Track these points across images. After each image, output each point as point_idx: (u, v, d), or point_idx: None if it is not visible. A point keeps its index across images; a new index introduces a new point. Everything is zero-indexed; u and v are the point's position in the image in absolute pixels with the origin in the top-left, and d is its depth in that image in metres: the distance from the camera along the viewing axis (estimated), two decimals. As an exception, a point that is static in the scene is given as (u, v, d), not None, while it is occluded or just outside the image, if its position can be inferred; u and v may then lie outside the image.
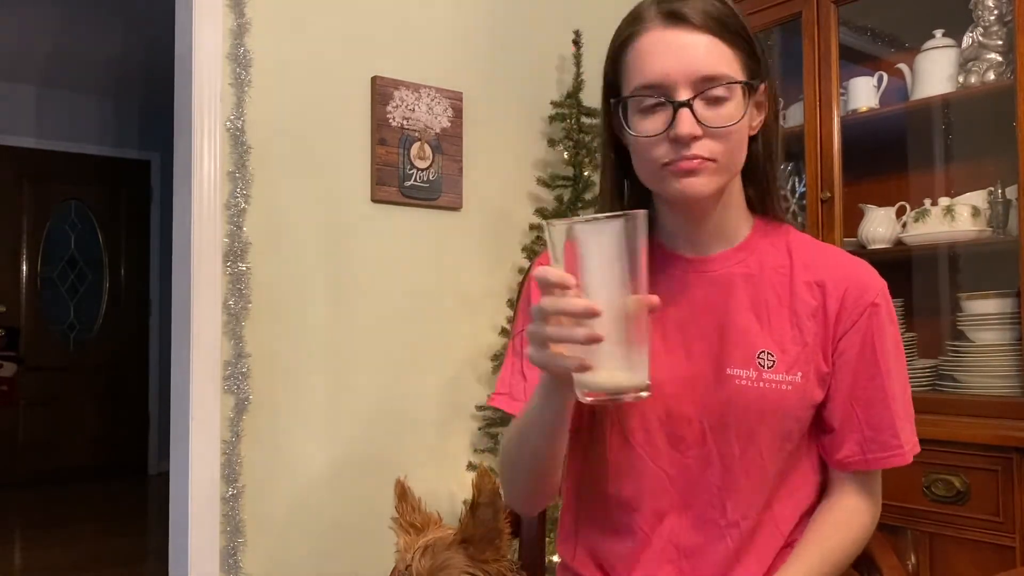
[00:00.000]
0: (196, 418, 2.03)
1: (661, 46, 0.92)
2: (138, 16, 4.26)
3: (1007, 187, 1.93)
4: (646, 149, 0.94)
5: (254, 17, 2.14)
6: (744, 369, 0.98)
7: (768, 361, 0.97)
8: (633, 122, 0.95)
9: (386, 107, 2.36)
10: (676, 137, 0.90)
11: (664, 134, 0.91)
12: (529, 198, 2.66)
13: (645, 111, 0.93)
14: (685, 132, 0.90)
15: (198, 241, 2.05)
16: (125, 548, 3.99)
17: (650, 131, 0.93)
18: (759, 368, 0.97)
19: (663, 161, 0.93)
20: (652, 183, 0.98)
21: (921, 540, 1.81)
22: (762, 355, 0.98)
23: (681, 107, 0.90)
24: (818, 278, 1.00)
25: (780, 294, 1.00)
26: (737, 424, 0.98)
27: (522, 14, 2.67)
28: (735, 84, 0.92)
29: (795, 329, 0.99)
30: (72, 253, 5.56)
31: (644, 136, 0.93)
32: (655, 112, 0.92)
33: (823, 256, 1.03)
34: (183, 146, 2.10)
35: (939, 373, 2.02)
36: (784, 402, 0.98)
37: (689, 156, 0.91)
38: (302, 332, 2.21)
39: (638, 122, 0.94)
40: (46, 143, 5.35)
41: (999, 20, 1.93)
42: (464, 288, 2.52)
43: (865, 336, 0.99)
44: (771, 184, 1.03)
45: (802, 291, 1.00)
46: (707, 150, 0.91)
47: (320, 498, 2.23)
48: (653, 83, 0.92)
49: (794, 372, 0.98)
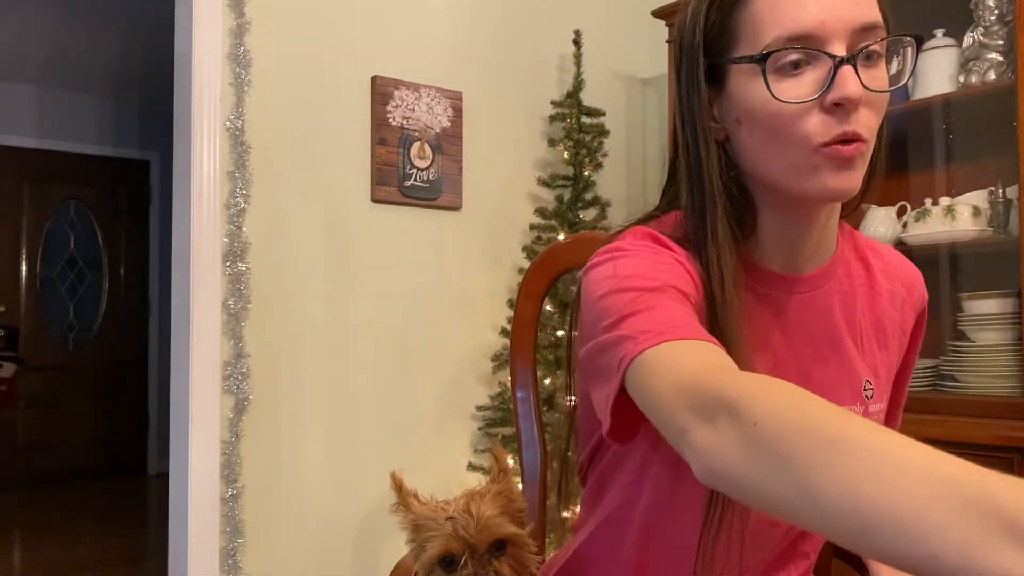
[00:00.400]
0: (196, 418, 2.03)
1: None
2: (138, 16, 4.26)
3: (1008, 187, 1.93)
4: (789, 122, 0.71)
5: (254, 17, 2.14)
6: (853, 404, 0.84)
7: (870, 391, 0.85)
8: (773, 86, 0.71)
9: (386, 107, 2.35)
10: (842, 99, 0.69)
11: (816, 100, 0.70)
12: (529, 198, 2.66)
13: (784, 71, 0.71)
14: (853, 92, 0.68)
15: (198, 241, 2.05)
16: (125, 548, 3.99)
17: (799, 95, 0.70)
18: (865, 402, 0.85)
19: (816, 142, 0.70)
20: (794, 171, 0.73)
21: (922, 540, 1.81)
22: (867, 386, 0.85)
23: (844, 63, 0.69)
24: (895, 287, 0.89)
25: (865, 311, 0.87)
26: None
27: (522, 14, 2.67)
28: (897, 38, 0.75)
29: (883, 350, 0.87)
30: (72, 253, 5.56)
31: (792, 102, 0.70)
32: (801, 72, 0.71)
33: (890, 261, 0.91)
34: (183, 146, 2.10)
35: (939, 373, 2.01)
36: None
37: (850, 132, 0.70)
38: (302, 332, 2.21)
39: (779, 87, 0.71)
40: (46, 143, 5.35)
41: (1000, 20, 1.93)
42: (464, 288, 2.52)
43: (917, 335, 0.93)
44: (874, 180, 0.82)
45: (885, 304, 0.87)
46: (866, 124, 0.71)
47: (320, 498, 2.22)
48: (801, 34, 0.70)
49: (883, 399, 0.88)
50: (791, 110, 0.71)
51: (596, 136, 2.53)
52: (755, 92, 0.72)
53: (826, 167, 0.71)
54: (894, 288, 0.88)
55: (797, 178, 0.73)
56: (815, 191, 0.73)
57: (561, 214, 2.48)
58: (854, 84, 0.69)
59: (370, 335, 2.33)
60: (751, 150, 0.76)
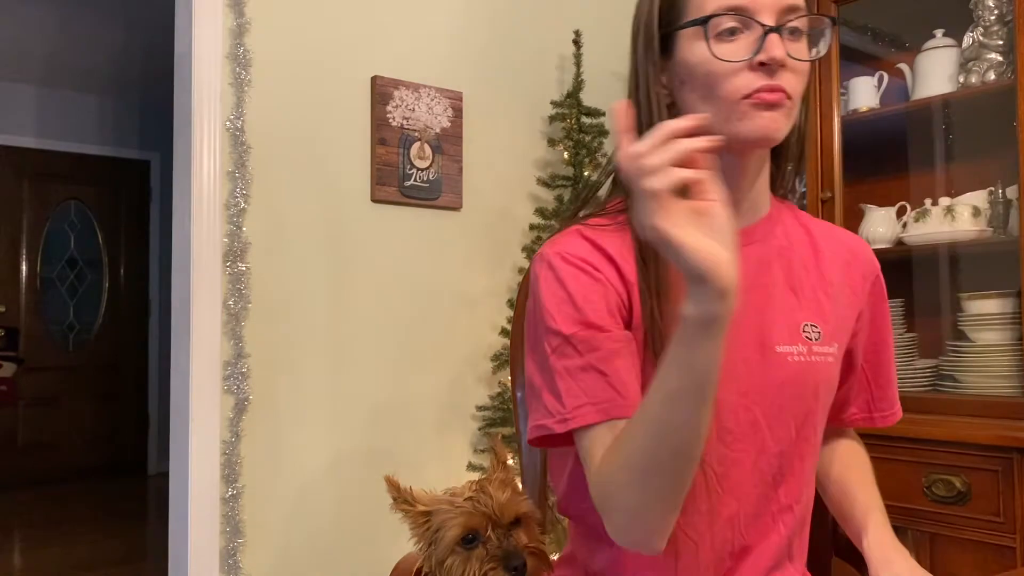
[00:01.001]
0: (196, 418, 2.03)
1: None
2: (138, 16, 4.26)
3: (1007, 187, 1.93)
4: (723, 79, 0.85)
5: (254, 17, 2.14)
6: (792, 345, 0.92)
7: (814, 333, 0.94)
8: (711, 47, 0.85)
9: (386, 107, 2.35)
10: (769, 59, 0.83)
11: (747, 61, 0.84)
12: (529, 198, 2.66)
13: (722, 37, 0.85)
14: (778, 54, 0.83)
15: (198, 241, 2.05)
16: (125, 548, 3.99)
17: (734, 55, 0.84)
18: (807, 341, 0.93)
19: (744, 92, 0.84)
20: (726, 120, 0.86)
21: (921, 540, 1.81)
22: (807, 328, 0.94)
23: (771, 31, 0.83)
24: (839, 252, 1.00)
25: (808, 267, 0.97)
26: (793, 404, 0.92)
27: (522, 14, 2.67)
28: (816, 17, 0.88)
29: (829, 301, 0.96)
30: (72, 253, 5.56)
31: (727, 60, 0.84)
32: (735, 38, 0.85)
33: (832, 230, 1.04)
34: (183, 146, 2.10)
35: (939, 373, 2.01)
36: (832, 374, 0.97)
37: (772, 85, 0.84)
38: (302, 332, 2.21)
39: (717, 48, 0.85)
40: (46, 143, 5.35)
41: (999, 20, 1.93)
42: (464, 288, 2.52)
43: (875, 303, 1.02)
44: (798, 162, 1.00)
45: (827, 264, 0.98)
46: (788, 84, 0.85)
47: (320, 498, 2.22)
48: (737, 5, 0.84)
49: (833, 344, 0.95)
50: (725, 68, 0.85)
51: (596, 136, 2.53)
52: (698, 53, 0.86)
53: (753, 112, 0.85)
54: (836, 251, 0.99)
55: (729, 125, 0.86)
56: (745, 133, 0.86)
57: (561, 214, 2.47)
58: (779, 48, 0.83)
59: (370, 335, 2.33)
60: (692, 107, 0.89)
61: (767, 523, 0.93)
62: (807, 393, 0.93)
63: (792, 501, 0.94)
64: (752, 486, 0.92)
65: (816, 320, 0.94)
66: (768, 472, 0.92)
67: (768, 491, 0.93)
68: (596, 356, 0.86)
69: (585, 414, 0.85)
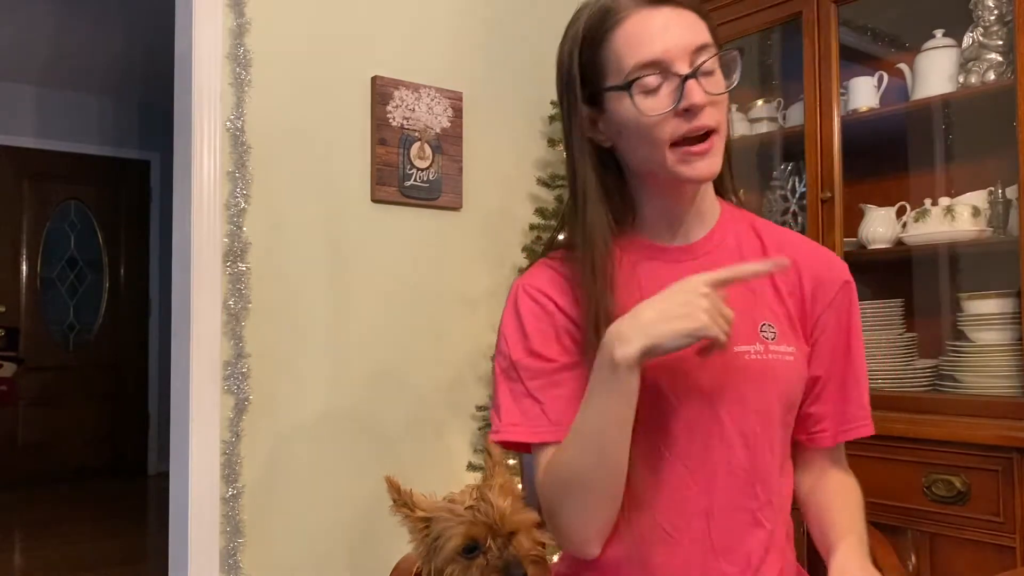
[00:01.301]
0: (196, 418, 2.03)
1: (654, 26, 0.93)
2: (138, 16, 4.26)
3: (1007, 187, 1.92)
4: (652, 129, 0.93)
5: (254, 17, 2.14)
6: (750, 344, 0.98)
7: (770, 333, 0.99)
8: (637, 104, 0.93)
9: (386, 107, 2.35)
10: (690, 107, 0.91)
11: (672, 110, 0.91)
12: (529, 198, 2.66)
13: (646, 91, 0.93)
14: (699, 100, 0.91)
15: (198, 241, 2.05)
16: (125, 548, 3.99)
17: (657, 109, 0.92)
18: (764, 341, 0.98)
19: (672, 139, 0.93)
20: (658, 168, 0.96)
21: (921, 540, 1.81)
22: (764, 327, 0.99)
23: (689, 78, 0.91)
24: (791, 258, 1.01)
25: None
26: (755, 399, 0.97)
27: (522, 14, 2.67)
28: (725, 52, 0.95)
29: (781, 304, 1.01)
30: (72, 253, 5.56)
31: (652, 115, 0.92)
32: (658, 91, 0.92)
33: (788, 238, 1.07)
34: (183, 146, 2.10)
35: (939, 373, 2.01)
36: (790, 372, 0.99)
37: (697, 127, 0.92)
38: (302, 332, 2.21)
39: (641, 103, 0.93)
40: (46, 143, 5.35)
41: (999, 20, 1.93)
42: (464, 288, 2.52)
43: (840, 313, 1.03)
44: (730, 166, 1.07)
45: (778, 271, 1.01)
46: (712, 119, 0.93)
47: (320, 498, 2.23)
48: (652, 61, 0.92)
49: (791, 344, 1.00)
50: (653, 120, 0.93)
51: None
52: (626, 110, 0.95)
53: (689, 159, 0.94)
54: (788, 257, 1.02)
55: (668, 168, 0.95)
56: (685, 176, 0.95)
57: (560, 213, 2.47)
58: (699, 93, 0.91)
59: (370, 335, 2.33)
60: (631, 152, 0.99)
61: (747, 518, 0.98)
62: (767, 389, 0.98)
63: (770, 494, 0.98)
64: (725, 480, 0.97)
65: (772, 320, 1.00)
66: (739, 467, 0.97)
67: (743, 486, 0.97)
68: (535, 384, 0.98)
69: (516, 432, 0.98)
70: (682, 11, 0.94)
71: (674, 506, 0.97)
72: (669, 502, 0.97)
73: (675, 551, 0.96)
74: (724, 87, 0.95)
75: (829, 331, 1.02)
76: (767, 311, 1.00)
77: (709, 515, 0.97)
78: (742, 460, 0.97)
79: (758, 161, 2.46)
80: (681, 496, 0.97)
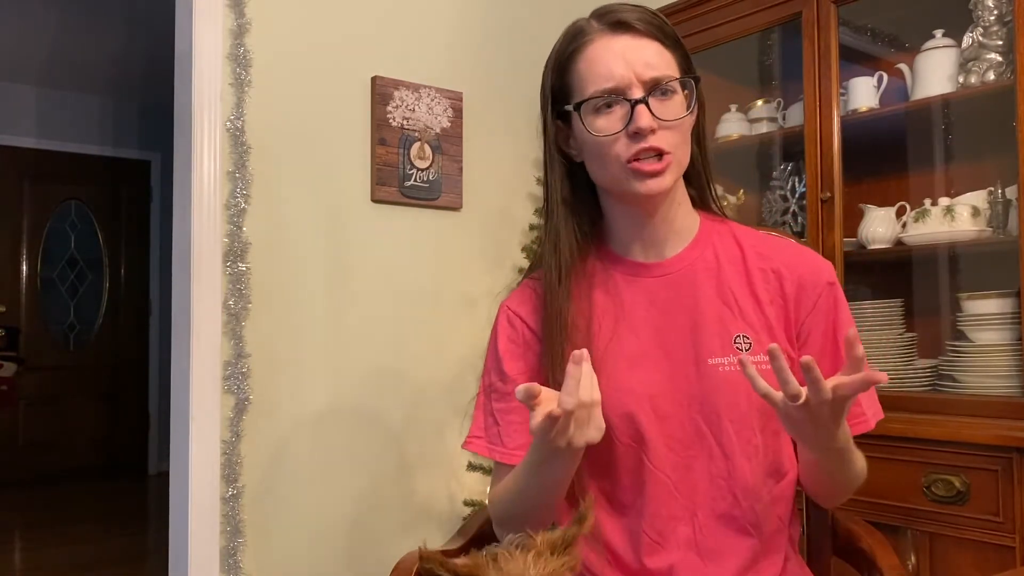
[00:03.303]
0: (196, 418, 2.03)
1: (611, 52, 1.00)
2: (138, 16, 4.26)
3: (1007, 187, 1.93)
4: (606, 147, 0.99)
5: (254, 17, 2.14)
6: (724, 356, 1.01)
7: (745, 344, 1.02)
8: (590, 124, 1.00)
9: (386, 107, 2.36)
10: (637, 130, 0.97)
11: (623, 131, 0.98)
12: (529, 198, 2.66)
13: (601, 112, 0.99)
14: (645, 124, 0.96)
15: (198, 241, 2.05)
16: (125, 548, 3.99)
17: (609, 129, 0.98)
18: (738, 352, 1.01)
19: (624, 158, 0.98)
20: (613, 183, 1.02)
21: (921, 540, 1.81)
22: (738, 339, 1.02)
23: (638, 103, 0.97)
24: (771, 265, 1.05)
25: (740, 282, 1.05)
26: (730, 411, 1.00)
27: (522, 14, 2.67)
28: (680, 80, 1.00)
29: (760, 314, 1.03)
30: (72, 253, 5.56)
31: (603, 135, 0.99)
32: (611, 112, 0.99)
33: (770, 244, 1.09)
34: (183, 146, 2.10)
35: (939, 373, 2.01)
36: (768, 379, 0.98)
37: (647, 148, 0.97)
38: (302, 332, 2.21)
39: (595, 123, 1.00)
40: (46, 143, 5.35)
41: (999, 20, 1.93)
42: (464, 288, 2.52)
43: (827, 314, 1.04)
44: (709, 181, 1.11)
45: (758, 278, 1.05)
46: (664, 141, 0.98)
47: (320, 498, 2.23)
48: (607, 86, 0.98)
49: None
50: (605, 139, 0.99)
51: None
52: (583, 129, 1.01)
53: (639, 176, 0.99)
54: (768, 267, 1.06)
55: (619, 185, 1.02)
56: (635, 191, 1.00)
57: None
58: (646, 118, 0.96)
59: (370, 335, 2.33)
60: (591, 168, 1.05)
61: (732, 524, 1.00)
62: (740, 400, 1.00)
63: (753, 501, 1.01)
64: (707, 489, 1.01)
65: (747, 331, 1.02)
66: (719, 475, 1.01)
67: (725, 494, 1.00)
68: (499, 407, 1.07)
69: (478, 445, 1.09)
70: (643, 40, 1.00)
71: (660, 514, 1.01)
72: (656, 510, 1.01)
73: (664, 557, 1.00)
74: (681, 114, 1.00)
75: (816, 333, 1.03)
76: (741, 323, 1.03)
77: (694, 522, 1.00)
78: (721, 469, 1.00)
79: (758, 161, 2.46)
80: (666, 504, 1.00)
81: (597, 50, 1.01)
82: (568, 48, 1.05)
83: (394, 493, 2.36)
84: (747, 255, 1.06)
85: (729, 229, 1.10)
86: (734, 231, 1.10)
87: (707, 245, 1.07)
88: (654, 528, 1.00)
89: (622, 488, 1.03)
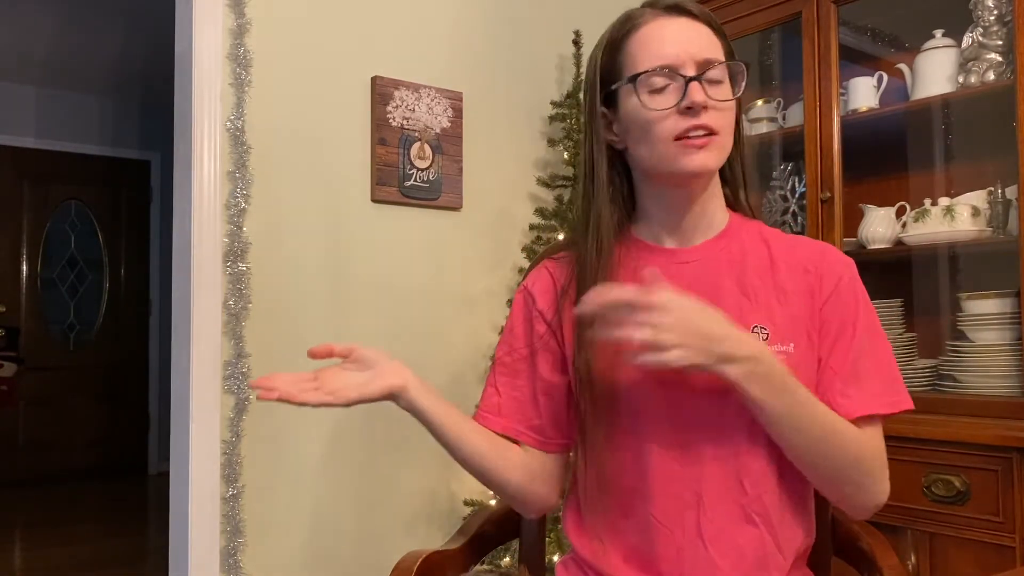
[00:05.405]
0: (196, 418, 2.03)
1: (668, 32, 1.02)
2: (138, 16, 4.26)
3: (1007, 187, 1.93)
4: (656, 123, 1.00)
5: (254, 17, 2.14)
6: None
7: (762, 335, 1.02)
8: (643, 98, 1.01)
9: (386, 107, 2.36)
10: (691, 104, 0.98)
11: (675, 107, 0.99)
12: (529, 198, 2.66)
13: (655, 90, 1.00)
14: (699, 99, 0.98)
15: (198, 241, 2.05)
16: (125, 548, 3.99)
17: (662, 105, 1.00)
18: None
19: (675, 134, 0.99)
20: (660, 161, 1.03)
21: (921, 540, 1.81)
22: (756, 329, 1.02)
23: (692, 80, 0.99)
24: (798, 262, 1.06)
25: (763, 276, 1.06)
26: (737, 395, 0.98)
27: (522, 14, 2.67)
28: (730, 64, 1.03)
29: (782, 305, 1.04)
30: (72, 253, 5.56)
31: (657, 110, 1.00)
32: (665, 90, 1.00)
33: (795, 243, 1.11)
34: (183, 146, 2.10)
35: (939, 373, 2.02)
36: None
37: (698, 124, 0.99)
38: (302, 332, 2.21)
39: (648, 100, 1.01)
40: (46, 143, 5.35)
41: (999, 20, 1.93)
42: (464, 288, 2.52)
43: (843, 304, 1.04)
44: (746, 181, 1.14)
45: (783, 273, 1.06)
46: (714, 121, 1.00)
47: (320, 498, 2.23)
48: (663, 64, 1.00)
49: (787, 343, 1.02)
50: (657, 115, 1.00)
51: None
52: (633, 105, 1.02)
53: (687, 151, 1.00)
54: (794, 261, 1.07)
55: (667, 163, 1.02)
56: (681, 168, 1.01)
57: (561, 214, 2.48)
58: (699, 93, 0.98)
59: (370, 335, 2.33)
60: (636, 149, 1.05)
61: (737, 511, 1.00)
62: None
63: (760, 490, 1.01)
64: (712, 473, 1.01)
65: (765, 323, 1.03)
66: (724, 460, 1.01)
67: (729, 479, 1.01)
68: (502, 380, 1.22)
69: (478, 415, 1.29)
70: (698, 24, 1.03)
71: (665, 497, 1.01)
72: (661, 493, 1.02)
73: (669, 541, 1.01)
74: (730, 96, 1.02)
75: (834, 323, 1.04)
76: (761, 314, 1.03)
77: (699, 506, 1.01)
78: (726, 453, 1.01)
79: (758, 161, 2.46)
80: (672, 487, 1.01)
81: (652, 29, 1.03)
82: (622, 30, 1.06)
83: (394, 493, 2.36)
84: (773, 249, 1.08)
85: (757, 227, 1.12)
86: (762, 231, 1.12)
87: (734, 238, 1.09)
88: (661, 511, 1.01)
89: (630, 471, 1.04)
